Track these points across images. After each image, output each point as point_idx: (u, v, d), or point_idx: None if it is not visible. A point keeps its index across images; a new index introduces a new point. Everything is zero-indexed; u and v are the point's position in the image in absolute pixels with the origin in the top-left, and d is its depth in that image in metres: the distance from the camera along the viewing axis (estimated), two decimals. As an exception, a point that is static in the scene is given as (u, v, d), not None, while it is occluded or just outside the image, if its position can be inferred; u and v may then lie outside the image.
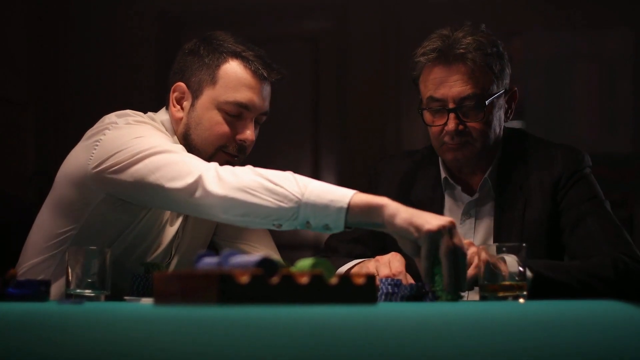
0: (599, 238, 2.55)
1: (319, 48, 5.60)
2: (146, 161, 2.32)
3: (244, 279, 1.62)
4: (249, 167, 2.24)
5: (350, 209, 2.09)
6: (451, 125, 2.57)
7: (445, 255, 2.01)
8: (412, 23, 5.19)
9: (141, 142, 2.36)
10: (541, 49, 5.33)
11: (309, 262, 1.83)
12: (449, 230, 2.03)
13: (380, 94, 5.32)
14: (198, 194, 2.24)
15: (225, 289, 1.61)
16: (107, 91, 5.45)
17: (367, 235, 2.72)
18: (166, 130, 2.61)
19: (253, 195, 2.17)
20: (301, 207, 2.12)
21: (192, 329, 1.25)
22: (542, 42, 5.35)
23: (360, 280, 1.76)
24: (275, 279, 1.66)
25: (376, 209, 2.09)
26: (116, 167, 2.37)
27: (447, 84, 2.58)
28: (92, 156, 2.41)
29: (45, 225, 2.59)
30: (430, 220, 2.05)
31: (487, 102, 2.57)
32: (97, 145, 2.43)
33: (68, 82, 5.51)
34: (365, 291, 1.76)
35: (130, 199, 2.42)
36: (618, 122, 5.29)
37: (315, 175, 5.57)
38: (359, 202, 2.10)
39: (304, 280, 1.69)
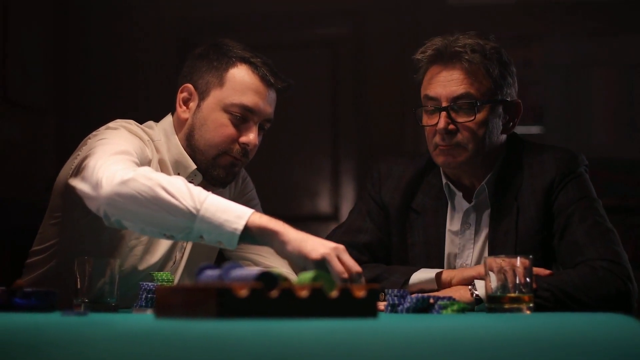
0: (582, 243, 2.51)
1: (337, 53, 5.60)
2: (86, 167, 2.31)
3: (243, 292, 1.62)
4: (143, 171, 2.22)
5: (244, 231, 2.11)
6: (442, 123, 2.56)
7: (338, 281, 2.04)
8: (431, 27, 5.17)
9: (98, 149, 2.36)
10: (560, 55, 5.31)
11: (309, 275, 1.83)
12: (336, 255, 2.08)
13: (399, 99, 5.31)
14: (94, 196, 2.24)
15: (224, 302, 1.61)
16: (127, 97, 5.47)
17: (375, 241, 2.72)
18: (167, 134, 2.63)
19: (145, 205, 2.16)
20: (196, 223, 2.13)
21: (191, 343, 1.25)
22: (561, 47, 5.33)
23: (360, 294, 1.75)
24: (274, 293, 1.66)
25: (269, 235, 2.12)
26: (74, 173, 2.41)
27: (442, 83, 2.58)
28: (72, 165, 2.44)
29: (42, 235, 2.63)
30: (317, 248, 2.08)
31: (479, 103, 2.56)
32: (79, 154, 2.45)
33: (88, 88, 5.53)
34: (366, 304, 1.76)
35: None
36: (636, 127, 5.26)
37: (335, 180, 5.57)
38: (253, 225, 2.11)
39: (304, 293, 1.69)
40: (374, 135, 5.45)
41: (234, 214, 2.11)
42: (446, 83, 2.57)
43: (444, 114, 2.56)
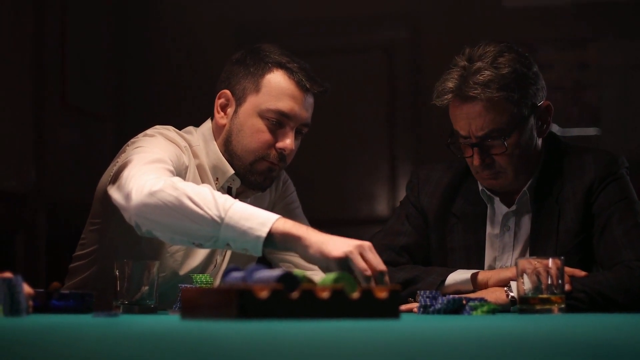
0: (620, 244, 2.50)
1: (394, 57, 5.61)
2: (120, 177, 2.33)
3: (264, 294, 1.65)
4: (171, 182, 2.22)
5: (268, 238, 2.10)
6: (476, 160, 2.56)
7: (362, 278, 2.00)
8: (486, 32, 5.15)
9: (133, 157, 2.38)
10: (616, 56, 5.25)
11: (331, 277, 1.84)
12: (359, 253, 2.03)
13: (456, 103, 5.30)
14: (125, 207, 2.26)
15: (244, 303, 1.64)
16: (185, 104, 5.52)
17: (414, 243, 2.72)
18: (206, 139, 2.66)
19: (172, 215, 2.17)
20: (221, 231, 2.13)
21: (210, 343, 1.27)
22: (617, 48, 5.27)
23: (382, 295, 1.76)
24: (295, 294, 1.68)
25: (292, 241, 2.10)
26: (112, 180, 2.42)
27: (467, 120, 2.56)
28: (112, 173, 2.47)
29: (84, 240, 2.67)
30: (339, 247, 2.04)
31: (507, 135, 2.53)
32: (117, 161, 2.48)
33: (147, 95, 5.60)
34: (388, 305, 1.77)
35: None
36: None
37: (392, 183, 5.57)
38: (276, 232, 2.10)
39: (325, 294, 1.70)
40: (431, 138, 5.44)
41: (257, 221, 2.11)
42: (470, 120, 2.54)
43: (476, 150, 2.55)
